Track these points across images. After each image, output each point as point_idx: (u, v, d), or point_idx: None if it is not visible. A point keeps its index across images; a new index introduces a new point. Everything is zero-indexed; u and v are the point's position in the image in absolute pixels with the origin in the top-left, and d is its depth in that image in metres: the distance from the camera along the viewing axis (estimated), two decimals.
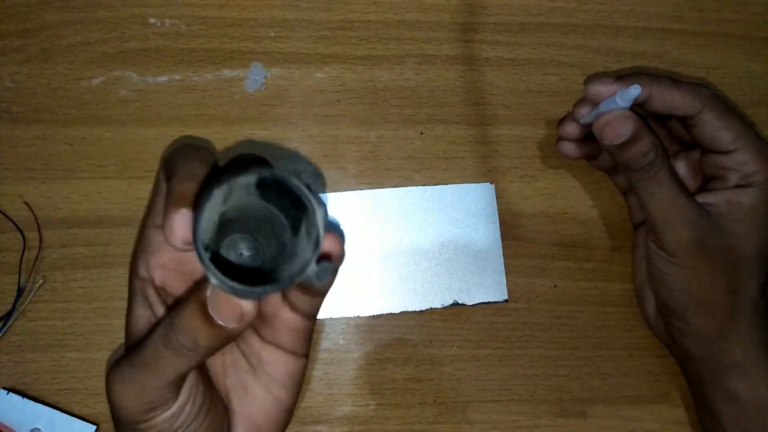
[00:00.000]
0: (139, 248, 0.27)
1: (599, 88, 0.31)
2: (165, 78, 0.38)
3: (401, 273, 0.37)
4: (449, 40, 0.40)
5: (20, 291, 0.35)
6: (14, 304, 0.35)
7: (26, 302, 0.36)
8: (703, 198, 0.32)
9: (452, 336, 0.37)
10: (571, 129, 0.35)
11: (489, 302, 0.37)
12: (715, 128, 0.32)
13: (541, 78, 0.40)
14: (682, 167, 0.35)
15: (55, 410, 0.35)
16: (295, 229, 0.23)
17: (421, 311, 0.37)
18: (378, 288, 0.37)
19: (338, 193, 0.38)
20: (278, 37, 0.39)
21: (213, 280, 0.21)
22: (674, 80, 0.32)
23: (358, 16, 0.39)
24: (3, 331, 0.35)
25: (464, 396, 0.36)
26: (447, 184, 0.38)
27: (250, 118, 0.38)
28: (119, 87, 0.38)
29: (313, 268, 0.22)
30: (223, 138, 0.38)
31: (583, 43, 0.40)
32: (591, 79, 0.32)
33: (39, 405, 0.34)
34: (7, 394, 0.34)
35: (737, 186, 0.32)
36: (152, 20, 0.39)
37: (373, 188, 0.38)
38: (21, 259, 0.35)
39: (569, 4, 0.41)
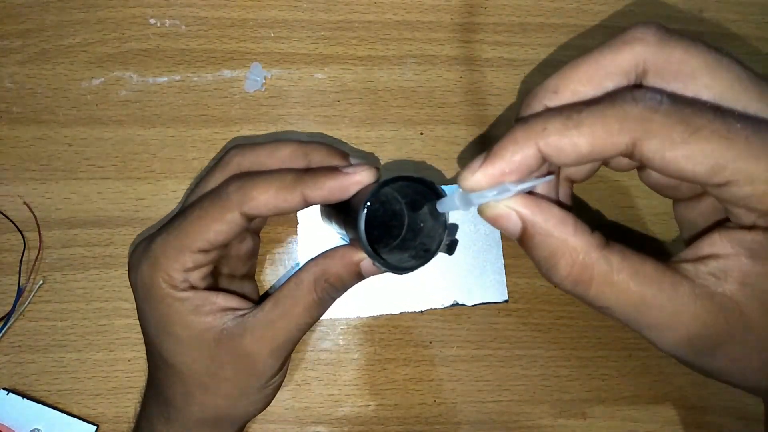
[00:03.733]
0: (252, 185, 0.27)
1: (475, 181, 0.22)
2: (165, 78, 0.38)
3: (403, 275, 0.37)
4: (449, 41, 0.40)
5: (20, 291, 0.35)
6: (14, 305, 0.35)
7: (26, 303, 0.35)
8: (709, 245, 0.22)
9: (452, 336, 0.37)
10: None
11: (489, 302, 0.37)
12: (669, 164, 0.20)
13: (541, 78, 0.39)
14: None
15: (54, 411, 0.35)
16: (415, 216, 0.28)
17: (421, 311, 0.37)
18: (378, 288, 0.37)
19: None
20: (278, 37, 0.39)
21: (379, 266, 0.26)
22: (574, 108, 0.21)
23: (358, 17, 0.39)
24: (3, 331, 0.35)
25: (464, 396, 0.36)
26: (447, 184, 0.38)
27: (250, 118, 0.38)
28: (119, 87, 0.38)
29: (444, 244, 0.26)
30: (223, 138, 0.38)
31: (583, 43, 0.40)
32: (467, 170, 0.22)
33: (39, 405, 0.34)
34: (7, 394, 0.34)
35: (755, 227, 0.21)
36: (152, 21, 0.39)
37: None
38: (21, 260, 0.35)
39: (569, 4, 0.41)
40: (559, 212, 0.22)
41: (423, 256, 0.26)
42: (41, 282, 0.36)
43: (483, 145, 0.39)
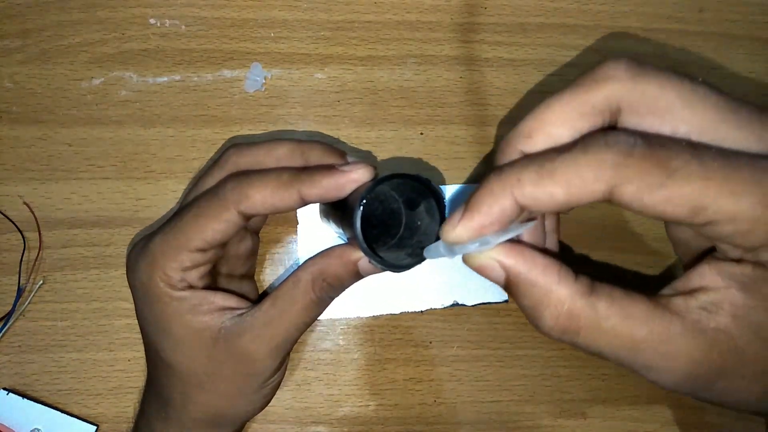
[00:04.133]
0: (249, 183, 0.28)
1: (456, 235, 0.22)
2: (165, 78, 0.38)
3: (401, 273, 0.37)
4: (449, 41, 0.40)
5: (20, 291, 0.35)
6: (14, 305, 0.35)
7: (26, 303, 0.36)
8: (699, 277, 0.21)
9: (452, 336, 0.37)
10: None
11: (489, 302, 0.37)
12: (649, 208, 0.20)
13: (541, 78, 0.40)
14: None
15: (55, 411, 0.35)
16: (412, 214, 0.28)
17: (421, 311, 0.37)
18: (378, 288, 0.37)
19: None
20: (278, 37, 0.39)
21: (375, 264, 0.26)
22: (547, 157, 0.21)
23: (358, 17, 0.39)
24: (3, 331, 0.35)
25: (464, 396, 0.36)
26: (447, 184, 0.38)
27: (250, 118, 0.38)
28: (119, 87, 0.38)
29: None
30: (223, 138, 0.38)
31: (583, 44, 0.40)
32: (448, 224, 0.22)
33: (39, 405, 0.34)
34: (7, 394, 0.34)
35: (743, 261, 0.21)
36: (152, 21, 0.39)
37: None
38: (21, 260, 0.35)
39: (569, 4, 0.41)
40: (542, 260, 0.22)
41: (419, 254, 0.26)
42: (41, 282, 0.36)
43: (483, 146, 0.39)
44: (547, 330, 0.22)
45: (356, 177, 0.26)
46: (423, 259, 0.26)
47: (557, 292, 0.21)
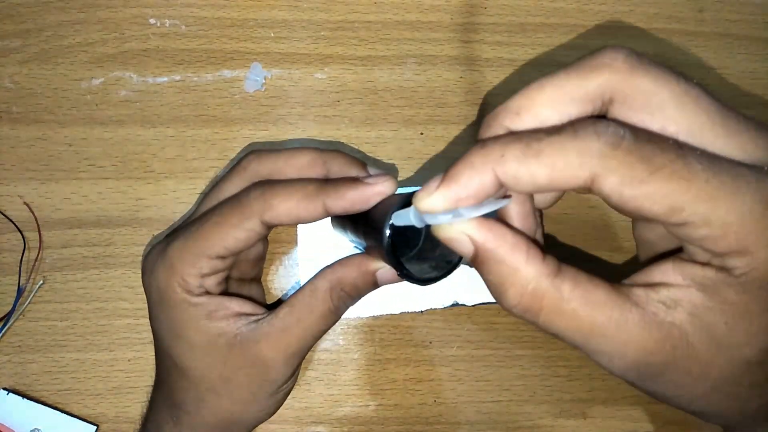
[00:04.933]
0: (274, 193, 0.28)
1: (429, 204, 0.21)
2: (165, 78, 0.38)
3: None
4: (449, 41, 0.40)
5: (20, 291, 0.35)
6: (14, 305, 0.35)
7: (26, 303, 0.36)
8: (661, 273, 0.21)
9: (452, 336, 0.37)
10: None
11: (489, 302, 0.37)
12: (627, 202, 0.20)
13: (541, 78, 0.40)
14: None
15: (55, 411, 0.35)
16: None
17: (421, 311, 0.37)
18: (378, 288, 0.37)
19: None
20: (278, 37, 0.39)
21: (402, 277, 0.26)
22: (534, 136, 0.20)
23: (358, 17, 0.39)
24: (3, 331, 0.35)
25: (464, 396, 0.36)
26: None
27: (250, 118, 0.38)
28: (119, 87, 0.38)
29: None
30: (223, 139, 0.38)
31: (583, 44, 0.40)
32: (422, 192, 0.22)
33: (39, 405, 0.34)
34: (7, 394, 0.34)
35: (709, 265, 0.21)
36: (152, 21, 0.39)
37: None
38: (21, 260, 0.35)
39: (569, 4, 0.41)
40: (512, 238, 0.21)
41: (445, 267, 0.26)
42: (41, 282, 0.36)
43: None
44: (508, 307, 0.22)
45: (382, 189, 0.27)
46: (449, 272, 0.26)
47: (523, 272, 0.21)
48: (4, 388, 0.34)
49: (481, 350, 0.37)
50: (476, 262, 0.22)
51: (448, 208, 0.21)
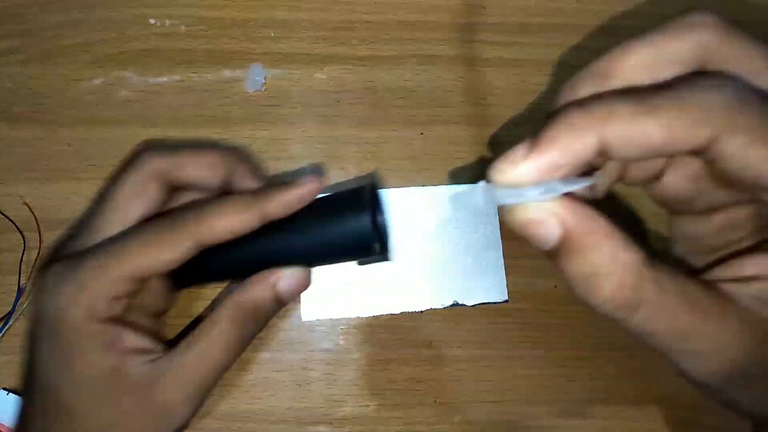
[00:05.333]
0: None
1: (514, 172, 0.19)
2: (165, 78, 0.38)
3: (402, 273, 0.37)
4: (449, 41, 0.40)
5: (20, 291, 0.35)
6: (14, 305, 0.35)
7: (26, 303, 0.35)
8: (753, 265, 0.20)
9: (452, 336, 0.37)
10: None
11: (489, 302, 0.37)
12: (751, 166, 0.17)
13: (541, 78, 0.40)
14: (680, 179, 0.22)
15: None
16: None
17: (421, 311, 0.37)
18: (378, 288, 0.37)
19: None
20: (278, 37, 0.39)
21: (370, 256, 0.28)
22: (645, 93, 0.18)
23: (358, 17, 0.39)
24: (3, 331, 0.35)
25: (464, 396, 0.36)
26: (447, 184, 0.38)
27: (250, 118, 0.38)
28: (119, 87, 0.38)
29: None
30: (223, 138, 0.38)
31: (583, 44, 0.40)
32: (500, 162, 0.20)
33: None
34: (7, 394, 0.34)
35: None
36: (152, 21, 0.39)
37: None
38: (21, 260, 0.35)
39: (569, 4, 0.41)
40: (605, 222, 0.18)
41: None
42: None
43: (483, 146, 0.39)
44: (601, 301, 0.18)
45: (316, 185, 0.27)
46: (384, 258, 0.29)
47: (624, 260, 0.18)
48: (4, 388, 0.34)
49: (481, 350, 0.37)
50: (562, 250, 0.19)
51: (539, 179, 0.18)
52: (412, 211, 0.37)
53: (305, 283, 0.29)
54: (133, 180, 0.28)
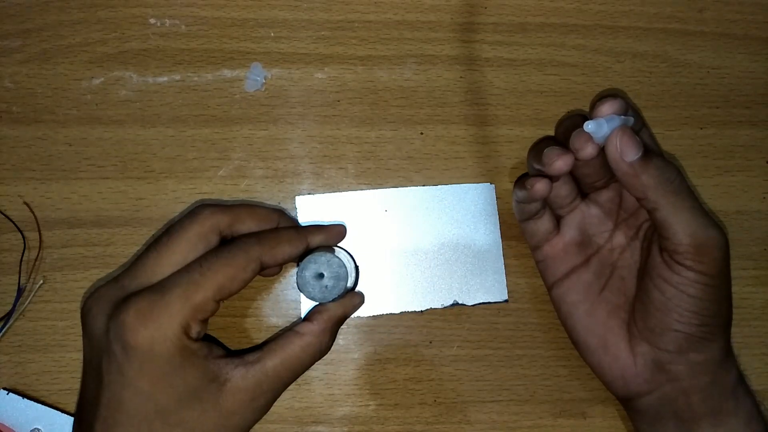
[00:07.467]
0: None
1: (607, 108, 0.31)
2: (165, 78, 0.38)
3: (401, 273, 0.37)
4: (449, 40, 0.40)
5: (20, 291, 0.35)
6: (14, 305, 0.35)
7: (26, 303, 0.36)
8: None
9: (452, 336, 0.37)
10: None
11: (489, 302, 0.37)
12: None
13: (541, 78, 0.40)
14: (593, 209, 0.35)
15: (55, 410, 0.35)
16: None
17: (421, 311, 0.37)
18: (378, 288, 0.37)
19: (338, 193, 0.38)
20: (278, 37, 0.39)
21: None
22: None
23: (358, 17, 0.39)
24: (3, 331, 0.35)
25: (464, 396, 0.36)
26: (447, 184, 0.38)
27: (250, 118, 0.38)
28: (119, 87, 0.38)
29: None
30: (223, 138, 0.38)
31: (583, 44, 0.40)
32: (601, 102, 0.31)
33: (39, 405, 0.34)
34: (7, 394, 0.34)
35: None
36: (152, 20, 0.39)
37: (373, 188, 0.38)
38: (21, 260, 0.35)
39: (569, 4, 0.41)
40: None
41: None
42: (41, 282, 0.36)
43: (483, 146, 0.39)
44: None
45: (344, 230, 0.36)
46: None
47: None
48: (4, 388, 0.34)
49: (481, 350, 0.37)
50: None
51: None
52: (412, 211, 0.37)
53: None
54: (197, 231, 0.31)
